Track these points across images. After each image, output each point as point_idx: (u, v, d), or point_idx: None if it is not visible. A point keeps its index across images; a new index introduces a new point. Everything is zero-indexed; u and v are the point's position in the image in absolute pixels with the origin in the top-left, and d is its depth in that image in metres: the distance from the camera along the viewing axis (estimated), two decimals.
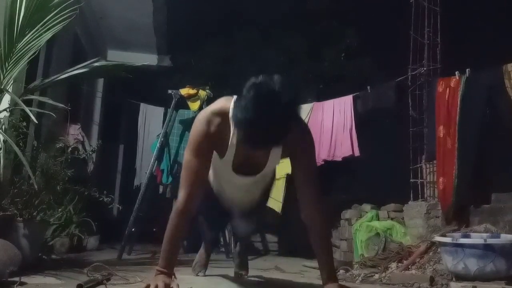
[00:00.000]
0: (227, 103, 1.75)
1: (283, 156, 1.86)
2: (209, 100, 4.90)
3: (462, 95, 3.71)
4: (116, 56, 6.53)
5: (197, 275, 2.60)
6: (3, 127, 2.79)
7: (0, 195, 2.77)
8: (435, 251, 3.26)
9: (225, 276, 2.63)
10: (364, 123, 4.68)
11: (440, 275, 2.95)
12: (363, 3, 5.62)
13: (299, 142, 1.78)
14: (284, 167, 4.83)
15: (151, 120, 5.90)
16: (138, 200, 4.38)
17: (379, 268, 3.33)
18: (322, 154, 4.77)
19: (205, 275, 2.61)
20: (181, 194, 1.76)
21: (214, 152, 1.87)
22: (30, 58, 2.84)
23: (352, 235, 4.10)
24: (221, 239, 4.83)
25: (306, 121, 4.95)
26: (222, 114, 1.75)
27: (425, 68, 4.09)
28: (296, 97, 1.57)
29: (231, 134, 1.77)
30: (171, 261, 1.77)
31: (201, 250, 2.68)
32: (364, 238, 3.86)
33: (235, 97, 1.68)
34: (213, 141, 1.78)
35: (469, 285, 2.54)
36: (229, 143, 1.79)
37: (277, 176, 4.93)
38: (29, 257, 2.64)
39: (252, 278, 2.68)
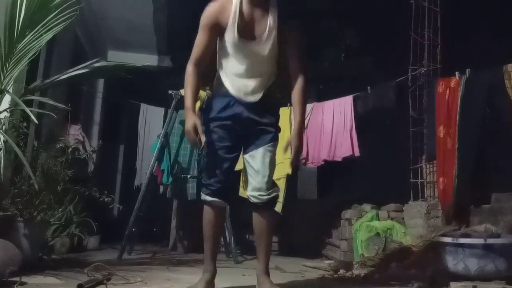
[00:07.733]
0: None
1: (277, 39, 2.21)
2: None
3: (462, 95, 3.70)
4: (116, 57, 6.54)
5: None
6: (4, 127, 2.80)
7: (1, 195, 2.78)
8: (435, 251, 3.26)
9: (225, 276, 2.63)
10: (364, 123, 4.68)
11: (440, 275, 2.95)
12: (363, 3, 5.61)
13: (291, 33, 2.26)
14: (284, 168, 4.90)
15: (151, 120, 5.90)
16: (138, 200, 4.37)
17: (380, 268, 3.33)
18: (322, 154, 4.78)
19: None
20: (190, 58, 2.23)
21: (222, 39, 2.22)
22: (31, 59, 2.85)
23: (352, 235, 4.10)
24: (221, 239, 4.83)
25: (306, 122, 4.95)
26: None
27: (425, 69, 4.09)
28: None
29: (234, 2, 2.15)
30: (194, 100, 2.20)
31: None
32: (364, 238, 3.86)
33: None
34: (219, 17, 2.16)
35: (469, 285, 2.54)
36: (232, 9, 2.15)
37: (277, 177, 4.98)
38: (29, 257, 2.64)
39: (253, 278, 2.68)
